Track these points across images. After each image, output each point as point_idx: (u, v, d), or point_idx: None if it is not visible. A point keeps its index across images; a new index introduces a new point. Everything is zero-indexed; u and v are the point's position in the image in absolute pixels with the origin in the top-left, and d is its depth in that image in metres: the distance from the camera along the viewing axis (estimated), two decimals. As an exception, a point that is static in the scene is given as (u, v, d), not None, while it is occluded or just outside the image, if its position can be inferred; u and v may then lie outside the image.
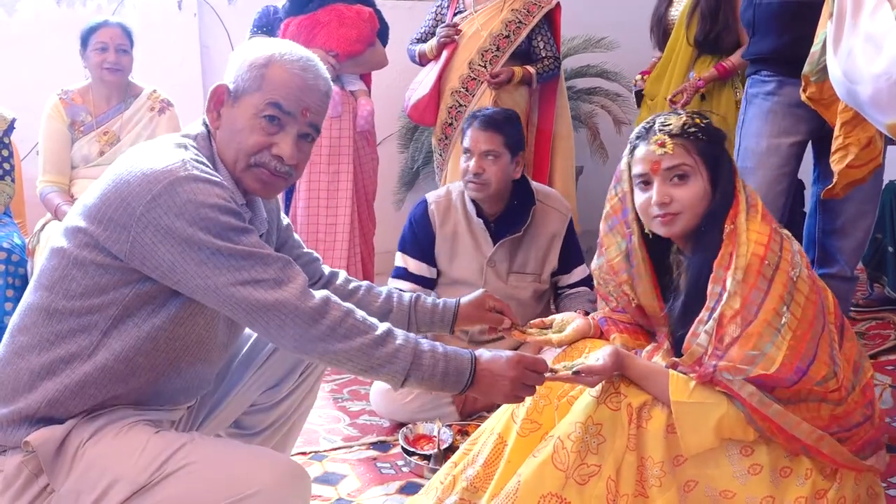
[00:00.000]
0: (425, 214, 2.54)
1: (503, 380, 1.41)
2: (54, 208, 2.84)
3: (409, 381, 1.38)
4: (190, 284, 1.30)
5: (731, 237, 1.53)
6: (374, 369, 1.36)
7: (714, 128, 1.63)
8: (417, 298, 1.75)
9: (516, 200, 2.48)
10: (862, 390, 1.59)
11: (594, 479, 1.49)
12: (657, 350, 1.68)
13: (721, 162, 1.60)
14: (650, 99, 3.34)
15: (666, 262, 1.70)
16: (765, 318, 1.46)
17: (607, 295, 1.80)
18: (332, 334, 1.33)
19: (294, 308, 1.31)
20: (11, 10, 3.57)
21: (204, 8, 3.86)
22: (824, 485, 1.51)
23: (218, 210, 1.29)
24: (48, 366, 1.33)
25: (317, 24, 3.06)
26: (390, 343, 1.37)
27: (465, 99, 3.18)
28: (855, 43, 1.66)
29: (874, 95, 1.62)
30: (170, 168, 1.29)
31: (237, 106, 1.42)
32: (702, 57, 3.18)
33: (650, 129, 1.62)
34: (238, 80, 1.42)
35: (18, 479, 1.32)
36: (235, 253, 1.29)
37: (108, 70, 2.88)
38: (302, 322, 1.31)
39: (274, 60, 1.42)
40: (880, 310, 3.34)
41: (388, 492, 2.03)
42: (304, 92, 1.42)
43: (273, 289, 1.30)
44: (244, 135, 1.41)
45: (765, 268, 1.49)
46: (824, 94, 2.09)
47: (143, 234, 1.28)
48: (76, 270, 1.33)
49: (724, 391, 1.49)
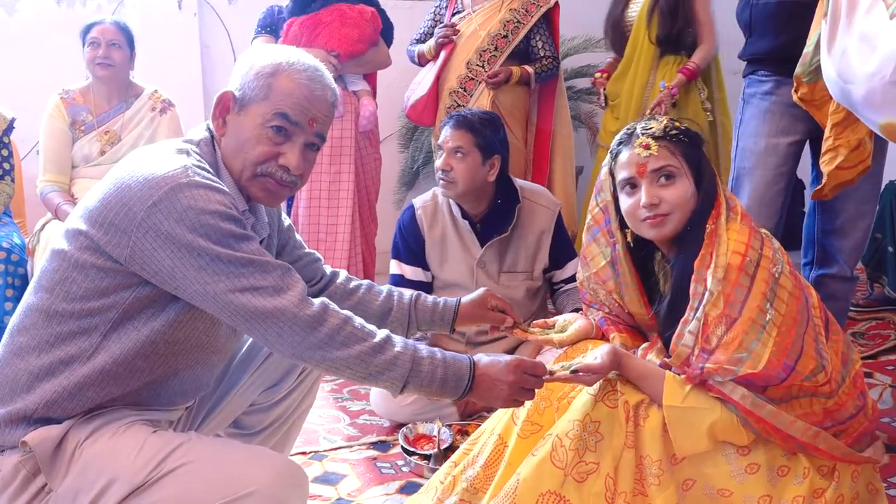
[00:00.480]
0: (413, 220, 2.55)
1: (502, 384, 1.41)
2: (55, 208, 2.85)
3: (409, 388, 1.37)
4: (189, 290, 1.30)
5: (712, 237, 1.54)
6: (372, 377, 1.36)
7: (693, 132, 1.65)
8: (418, 297, 1.75)
9: (500, 200, 2.49)
10: (852, 381, 1.59)
11: (593, 477, 1.49)
12: (651, 348, 1.68)
13: (703, 164, 1.62)
14: (612, 99, 3.34)
15: (650, 267, 1.71)
16: (749, 316, 1.47)
17: (599, 303, 1.81)
18: (330, 342, 1.32)
19: (292, 316, 1.31)
20: (11, 9, 3.58)
21: (204, 8, 3.86)
22: (822, 483, 1.52)
23: (218, 217, 1.29)
24: (47, 367, 1.33)
25: (319, 24, 3.07)
26: (389, 350, 1.36)
27: (463, 99, 3.17)
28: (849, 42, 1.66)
29: (867, 95, 1.62)
30: (171, 174, 1.29)
31: (243, 114, 1.41)
32: (665, 57, 3.18)
33: (632, 134, 1.63)
34: (244, 88, 1.42)
35: (16, 479, 1.33)
36: (235, 260, 1.29)
37: (100, 65, 2.88)
38: (300, 330, 1.31)
39: (281, 70, 1.41)
40: (880, 310, 3.34)
41: (388, 491, 2.03)
42: (311, 102, 1.42)
43: (272, 296, 1.30)
44: (250, 144, 1.41)
45: (746, 265, 1.50)
46: (816, 95, 2.10)
47: (144, 240, 1.28)
48: (76, 273, 1.33)
49: (717, 396, 1.49)
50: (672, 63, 3.17)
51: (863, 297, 3.42)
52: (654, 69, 3.19)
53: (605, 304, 1.79)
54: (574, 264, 2.59)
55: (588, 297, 1.84)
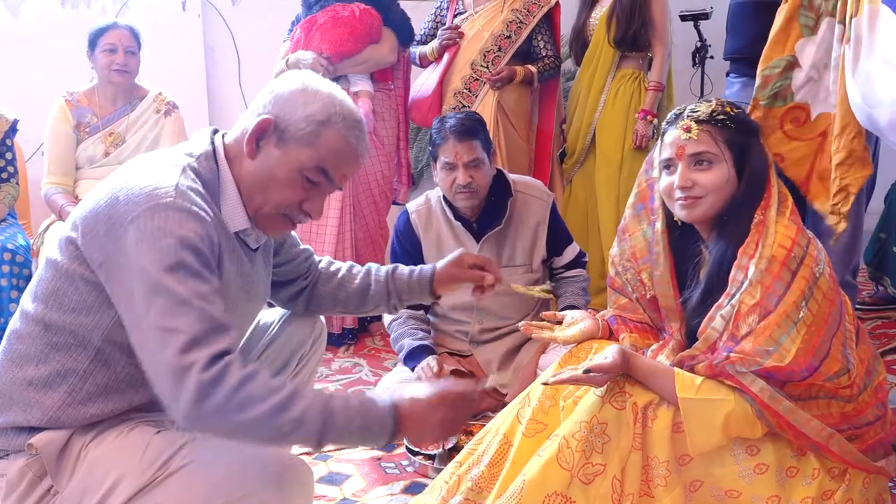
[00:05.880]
0: (408, 224, 2.56)
1: (430, 423, 1.31)
2: (58, 209, 2.85)
3: (326, 442, 1.26)
4: (129, 315, 1.24)
5: (759, 228, 1.54)
6: (283, 437, 1.24)
7: (743, 118, 1.62)
8: (395, 269, 1.74)
9: (493, 196, 2.48)
10: (874, 391, 1.58)
11: (599, 479, 1.49)
12: (662, 348, 1.68)
13: (748, 151, 1.59)
14: (575, 96, 3.38)
15: (687, 253, 1.69)
16: (784, 310, 1.47)
17: (622, 286, 1.80)
18: (226, 405, 1.19)
19: (194, 376, 1.19)
20: (16, 11, 3.59)
21: (208, 9, 3.86)
22: (832, 486, 1.51)
23: (179, 243, 1.23)
24: (45, 378, 1.33)
25: (314, 25, 3.07)
26: (295, 406, 1.22)
27: (467, 99, 3.18)
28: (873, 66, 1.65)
29: (893, 119, 1.61)
30: (157, 192, 1.26)
31: (281, 149, 1.36)
32: (622, 68, 3.23)
33: (679, 114, 1.63)
34: (289, 124, 1.35)
35: (22, 482, 1.33)
36: (171, 294, 1.21)
37: (117, 72, 2.90)
38: (195, 391, 1.19)
39: (333, 122, 1.36)
40: (885, 308, 3.34)
41: (393, 492, 2.03)
42: (351, 163, 1.40)
43: (185, 349, 1.19)
44: (279, 185, 1.37)
45: (790, 260, 1.49)
46: (767, 122, 2.12)
47: (115, 252, 1.25)
48: (67, 285, 1.31)
49: (733, 386, 1.49)
50: (629, 76, 3.22)
51: (868, 296, 3.42)
52: (612, 76, 3.24)
53: (630, 286, 1.77)
54: (572, 249, 2.60)
55: (614, 278, 1.82)
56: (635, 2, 3.12)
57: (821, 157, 2.15)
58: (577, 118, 3.31)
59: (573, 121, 3.34)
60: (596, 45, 3.24)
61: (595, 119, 3.25)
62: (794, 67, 2.14)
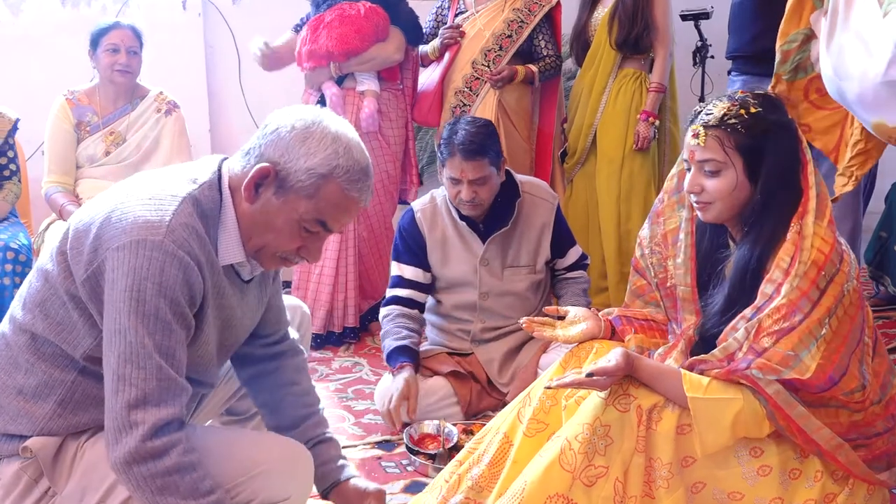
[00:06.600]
0: (413, 222, 2.55)
1: None
2: (59, 208, 2.86)
3: None
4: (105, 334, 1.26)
5: (797, 241, 1.50)
6: None
7: (762, 118, 1.55)
8: (326, 440, 1.60)
9: (500, 198, 2.48)
10: (885, 404, 1.57)
11: (601, 481, 1.49)
12: (671, 351, 1.67)
13: (763, 155, 1.54)
14: (577, 96, 3.38)
15: (714, 244, 1.68)
16: (807, 327, 1.45)
17: (645, 268, 1.79)
18: (148, 481, 1.22)
19: (138, 436, 1.22)
20: (17, 10, 3.58)
21: (208, 8, 3.86)
22: (834, 489, 1.51)
23: (157, 290, 1.23)
24: (34, 389, 1.33)
25: (321, 24, 3.06)
26: None
27: (468, 98, 3.18)
28: (845, 39, 1.66)
29: (861, 94, 1.62)
30: (151, 225, 1.25)
31: (280, 197, 1.33)
32: (624, 68, 3.22)
33: (698, 113, 1.60)
34: (289, 173, 1.32)
35: (18, 485, 1.33)
36: (136, 342, 1.23)
37: (119, 72, 2.90)
38: (130, 454, 1.22)
39: (335, 176, 1.32)
40: (887, 308, 3.33)
41: (393, 491, 2.03)
42: (350, 213, 1.38)
43: (133, 406, 1.22)
44: (278, 233, 1.35)
45: (820, 279, 1.47)
46: (791, 94, 2.10)
47: (97, 276, 1.26)
48: (54, 298, 1.31)
49: (744, 385, 1.48)
50: (631, 77, 3.22)
51: (869, 296, 3.41)
52: (613, 77, 3.24)
53: (653, 269, 1.77)
54: (575, 251, 2.61)
55: (638, 260, 1.82)
56: (638, 4, 3.12)
57: (850, 125, 2.12)
58: (579, 118, 3.32)
59: (574, 121, 3.34)
60: (598, 45, 3.24)
61: (596, 119, 3.26)
62: (812, 39, 2.11)
